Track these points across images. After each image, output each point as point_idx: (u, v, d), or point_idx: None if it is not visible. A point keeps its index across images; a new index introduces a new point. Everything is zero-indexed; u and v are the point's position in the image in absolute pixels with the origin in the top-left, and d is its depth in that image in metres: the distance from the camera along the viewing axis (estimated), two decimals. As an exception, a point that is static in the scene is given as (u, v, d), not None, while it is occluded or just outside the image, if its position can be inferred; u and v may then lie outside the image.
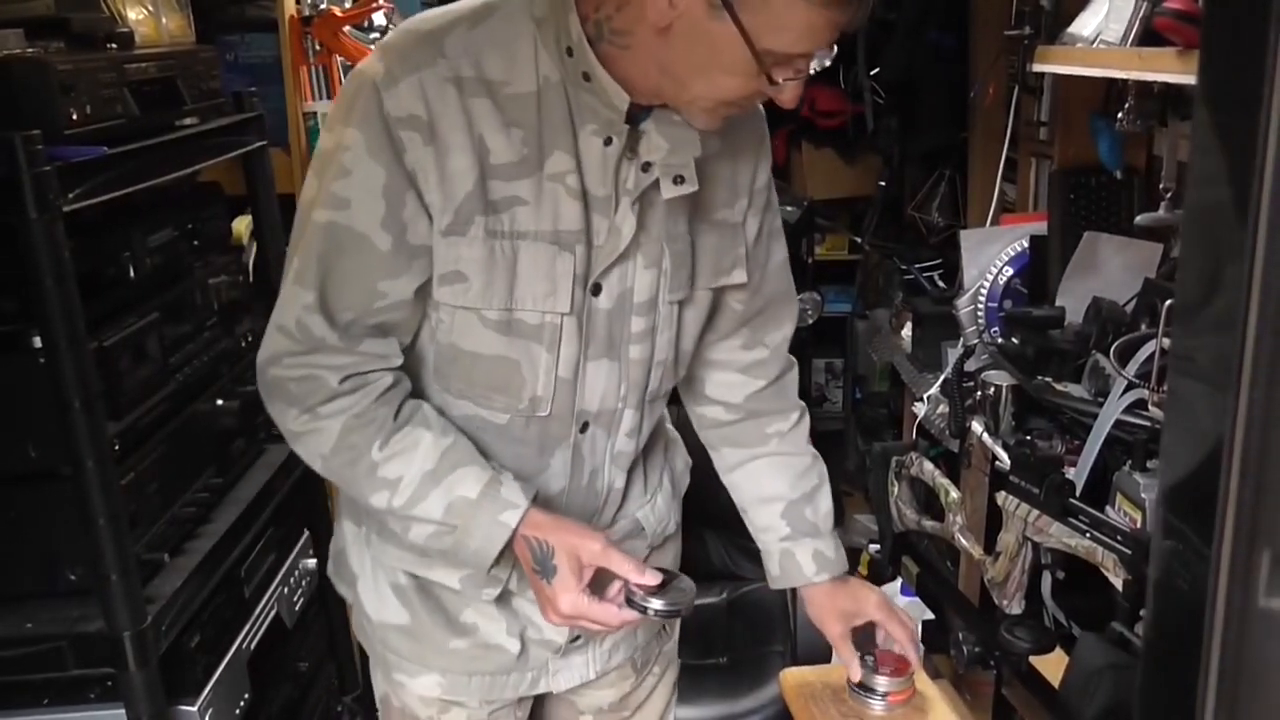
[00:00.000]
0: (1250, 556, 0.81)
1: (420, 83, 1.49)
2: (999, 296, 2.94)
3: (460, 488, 1.60)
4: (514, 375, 1.64)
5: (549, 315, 1.60)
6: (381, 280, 1.57)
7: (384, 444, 1.61)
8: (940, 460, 2.16)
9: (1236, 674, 0.83)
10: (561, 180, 1.55)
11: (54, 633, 1.99)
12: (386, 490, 1.62)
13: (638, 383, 1.74)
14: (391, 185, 1.52)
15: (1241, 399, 0.79)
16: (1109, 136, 2.85)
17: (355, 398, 1.61)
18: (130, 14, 2.45)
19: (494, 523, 1.59)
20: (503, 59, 1.52)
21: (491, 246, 1.55)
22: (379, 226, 1.54)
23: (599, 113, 1.53)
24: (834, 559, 1.94)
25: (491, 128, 1.52)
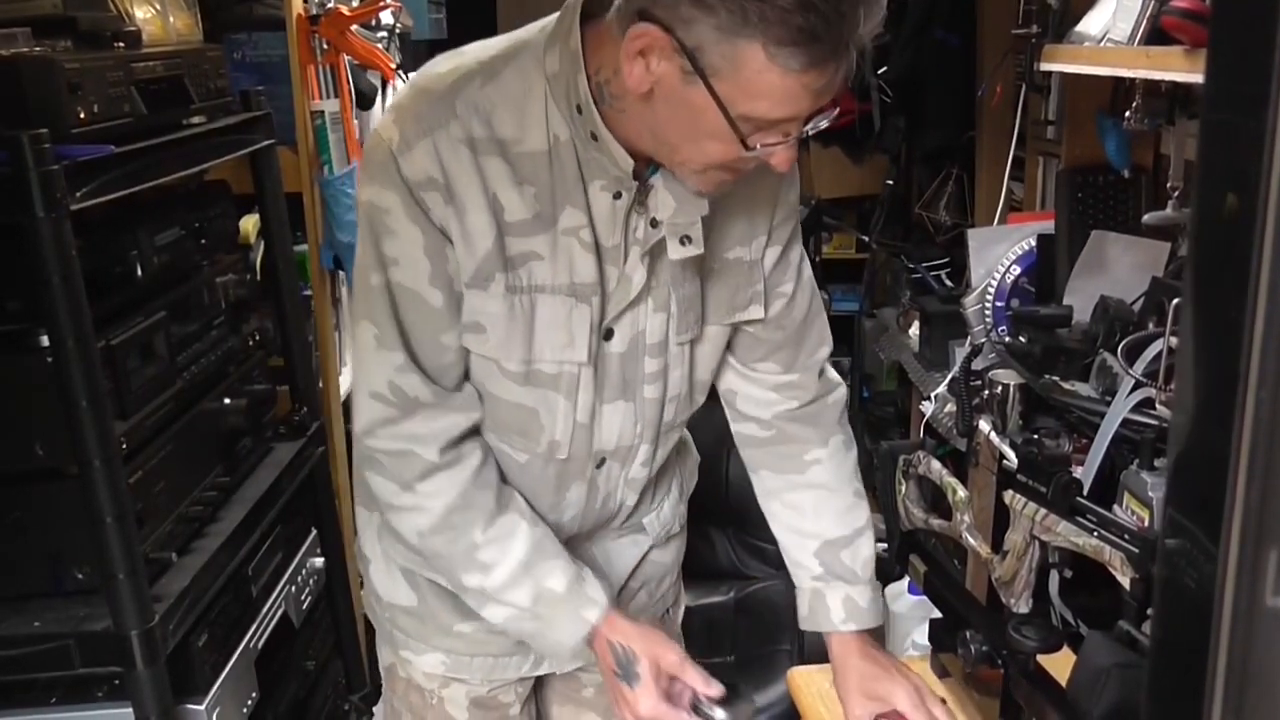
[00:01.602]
0: (1258, 555, 0.81)
1: (434, 145, 1.51)
2: (1006, 295, 2.94)
3: (549, 580, 1.67)
4: (532, 422, 1.68)
5: (566, 365, 1.64)
6: (442, 334, 1.61)
7: (486, 528, 1.67)
8: (947, 459, 2.15)
9: (1244, 673, 0.83)
10: (575, 235, 1.57)
11: (61, 631, 1.99)
12: (479, 573, 1.68)
13: (652, 420, 1.76)
14: (430, 244, 1.55)
15: (1249, 397, 0.79)
16: (1116, 135, 2.85)
17: (453, 474, 1.65)
18: (138, 13, 2.45)
19: (577, 618, 1.67)
20: (514, 116, 1.53)
21: (511, 302, 1.58)
22: (428, 284, 1.57)
23: (607, 170, 1.54)
24: (865, 609, 1.92)
25: (505, 186, 1.53)
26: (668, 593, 2.09)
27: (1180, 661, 0.90)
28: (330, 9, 3.11)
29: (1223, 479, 0.81)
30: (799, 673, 2.12)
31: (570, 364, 1.64)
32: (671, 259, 1.61)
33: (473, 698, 1.91)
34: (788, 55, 1.32)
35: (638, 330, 1.67)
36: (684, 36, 1.34)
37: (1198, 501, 0.86)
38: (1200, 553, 0.85)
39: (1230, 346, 0.80)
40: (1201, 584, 0.85)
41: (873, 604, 1.93)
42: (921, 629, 2.97)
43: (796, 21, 1.30)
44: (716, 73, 1.35)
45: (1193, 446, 0.88)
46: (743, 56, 1.33)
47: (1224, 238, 0.81)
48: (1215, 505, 0.82)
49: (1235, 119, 0.80)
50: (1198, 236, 0.86)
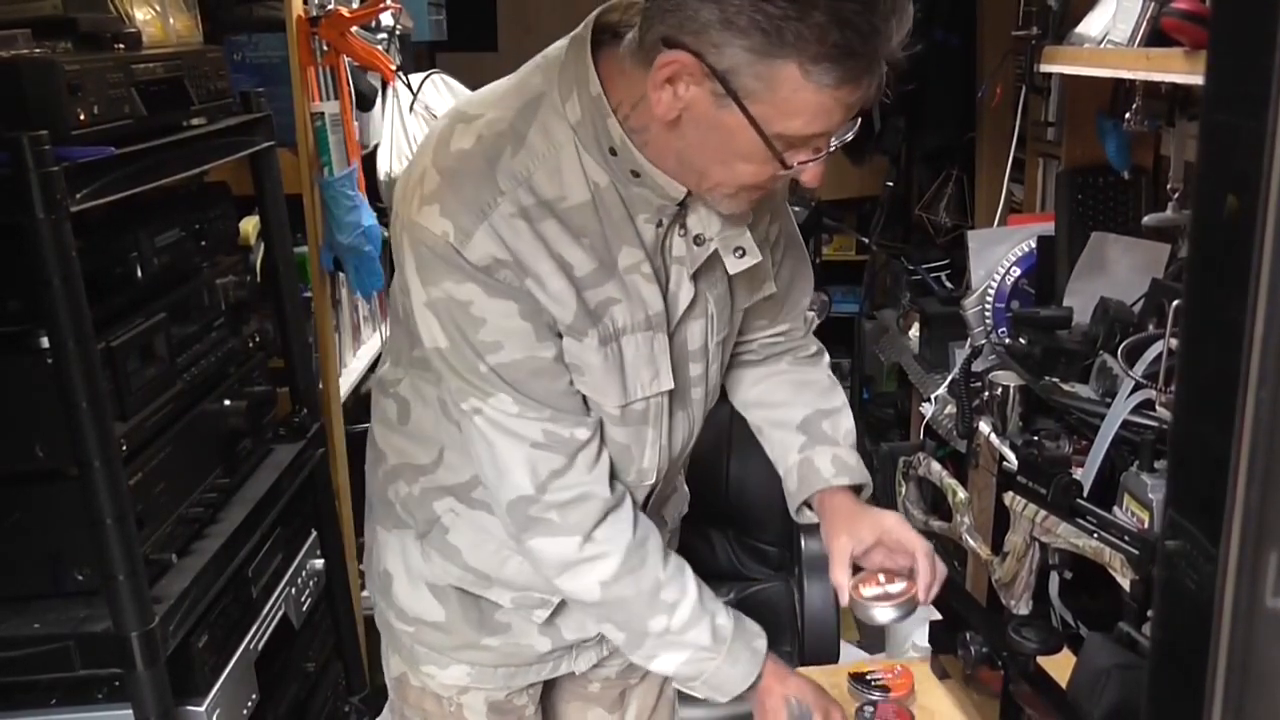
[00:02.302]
0: (1258, 556, 0.81)
1: (492, 228, 1.49)
2: (1006, 297, 2.94)
3: (720, 616, 1.70)
4: (624, 457, 1.70)
5: (655, 398, 1.67)
6: (563, 379, 1.61)
7: (664, 564, 1.69)
8: (947, 460, 2.16)
9: (1244, 674, 0.83)
10: (638, 270, 1.58)
11: (61, 633, 1.99)
12: (665, 614, 1.67)
13: (699, 418, 1.80)
14: (524, 308, 1.54)
15: (1249, 399, 0.79)
16: (1116, 137, 2.85)
17: (622, 512, 1.67)
18: (138, 14, 2.45)
19: (750, 649, 1.70)
20: (550, 175, 1.52)
21: (604, 352, 1.60)
22: (537, 343, 1.56)
23: (651, 202, 1.55)
24: (854, 467, 1.87)
25: (565, 244, 1.53)
26: None
27: (1180, 663, 0.90)
28: (330, 10, 3.11)
29: (1223, 480, 0.81)
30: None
31: (659, 395, 1.67)
32: (733, 273, 1.65)
33: (491, 703, 1.91)
34: (823, 72, 1.34)
35: (681, 340, 1.69)
36: (715, 61, 1.35)
37: (1198, 503, 0.86)
38: (1200, 554, 0.85)
39: (1230, 348, 0.80)
40: (1201, 585, 0.85)
41: (860, 465, 1.88)
42: (921, 630, 2.97)
43: (833, 38, 1.31)
44: (750, 94, 1.36)
45: (1193, 448, 0.88)
46: (778, 77, 1.34)
47: (1224, 239, 0.81)
48: (1215, 506, 0.82)
49: (1235, 120, 0.80)
50: (1198, 238, 0.86)
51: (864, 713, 1.94)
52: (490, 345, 1.55)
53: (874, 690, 1.99)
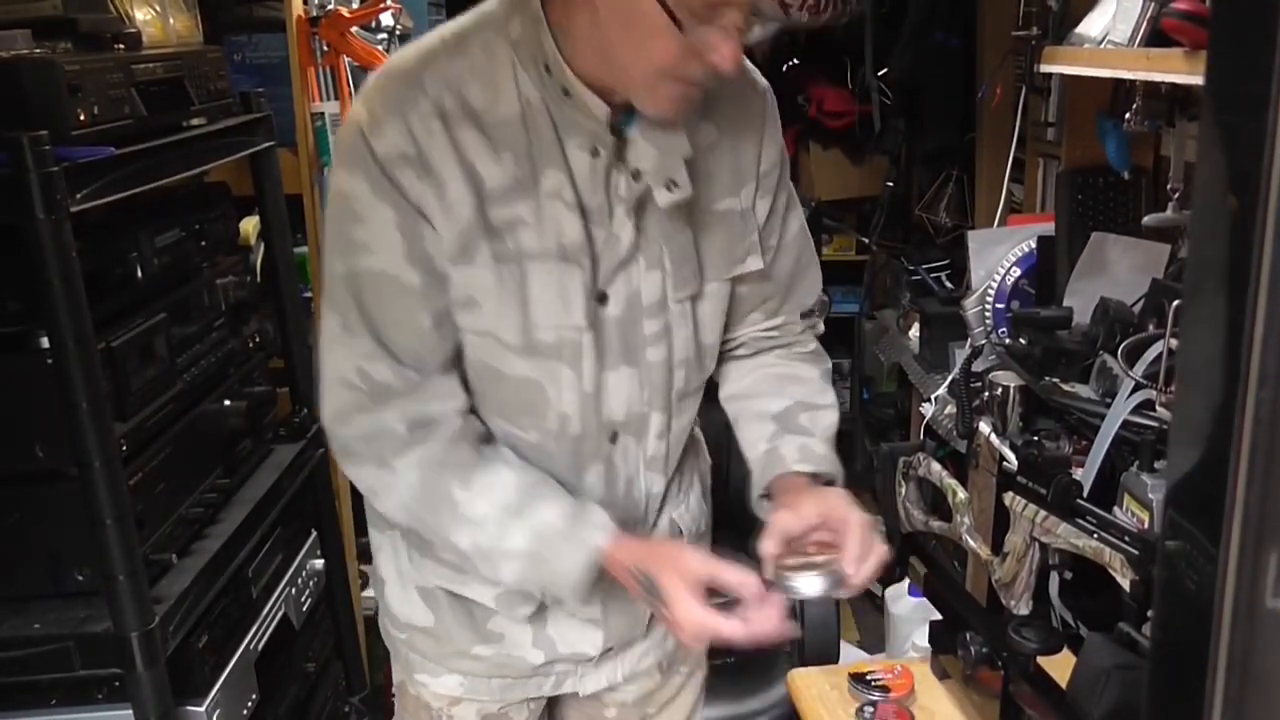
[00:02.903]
0: (1258, 557, 0.81)
1: (405, 121, 1.51)
2: (1006, 297, 2.94)
3: (545, 514, 1.61)
4: (538, 396, 1.65)
5: (566, 331, 1.60)
6: (421, 313, 1.58)
7: (466, 483, 1.62)
8: (947, 461, 2.15)
9: (1244, 674, 0.83)
10: (558, 196, 1.55)
11: (61, 633, 1.99)
12: (471, 528, 1.62)
13: (660, 385, 1.71)
14: (405, 221, 1.53)
15: (1248, 399, 0.79)
16: (1116, 137, 2.85)
17: (428, 444, 1.61)
18: (138, 14, 2.45)
19: (581, 543, 1.60)
20: (484, 88, 1.53)
21: (499, 271, 1.56)
22: (405, 262, 1.55)
23: (582, 125, 1.54)
24: (823, 456, 1.76)
25: (482, 155, 1.53)
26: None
27: (1180, 663, 0.90)
28: (330, 11, 3.11)
29: (1223, 481, 0.81)
30: (799, 675, 2.13)
31: (569, 330, 1.60)
32: (661, 207, 1.60)
33: (484, 715, 1.88)
34: None
35: (632, 291, 1.64)
36: None
37: (1198, 503, 0.86)
38: (1200, 554, 0.85)
39: (1231, 348, 0.80)
40: (1201, 586, 0.85)
41: (830, 457, 1.77)
42: (922, 631, 2.97)
43: None
44: None
45: (1193, 448, 0.88)
46: None
47: (1224, 239, 0.81)
48: (1215, 507, 0.82)
49: (1236, 120, 0.80)
50: (1198, 238, 0.86)
51: (864, 713, 1.95)
52: (359, 246, 1.56)
53: (874, 690, 1.99)
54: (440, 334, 1.60)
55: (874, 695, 1.98)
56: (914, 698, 1.99)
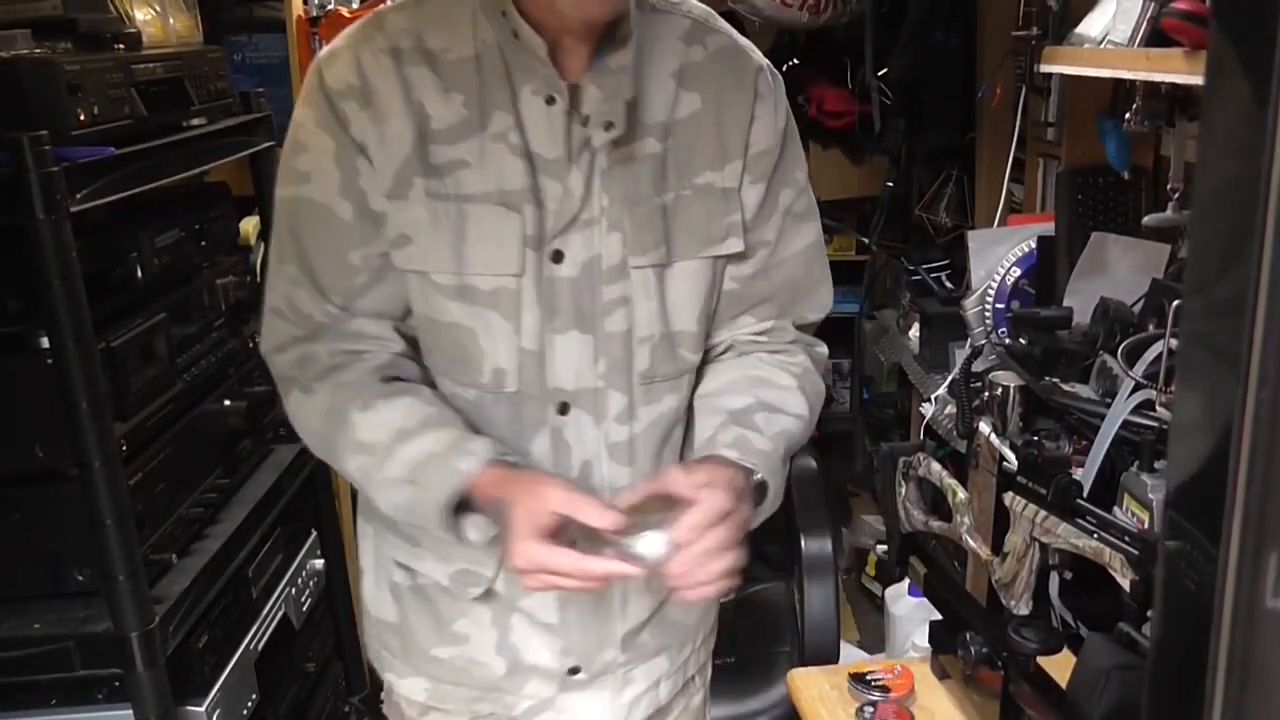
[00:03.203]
0: (1258, 557, 0.81)
1: (356, 56, 1.54)
2: (1006, 297, 2.94)
3: (427, 442, 1.54)
4: (472, 344, 1.60)
5: (502, 279, 1.56)
6: (352, 252, 1.58)
7: (366, 406, 1.58)
8: (948, 461, 2.15)
9: (1244, 674, 0.83)
10: (504, 139, 1.54)
11: (61, 633, 2.00)
12: (360, 453, 1.59)
13: (620, 361, 1.63)
14: (342, 154, 1.55)
15: (1248, 399, 0.79)
16: (1116, 137, 2.85)
17: (346, 371, 1.61)
18: (138, 14, 2.45)
19: (452, 471, 1.51)
20: (443, 31, 1.55)
21: (434, 209, 1.55)
22: (338, 195, 1.56)
23: (536, 71, 1.52)
24: (760, 451, 1.59)
25: (431, 94, 1.54)
26: (689, 659, 1.91)
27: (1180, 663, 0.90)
28: (330, 11, 3.11)
29: (1223, 481, 0.81)
30: (799, 674, 2.12)
31: (505, 277, 1.56)
32: (596, 146, 1.55)
33: None
34: None
35: (593, 254, 1.59)
36: None
37: (1198, 503, 0.86)
38: (1200, 554, 0.85)
39: (1231, 348, 0.80)
40: (1201, 586, 0.85)
41: (771, 459, 1.60)
42: (922, 631, 2.97)
43: None
44: None
45: (1193, 448, 0.88)
46: None
47: (1224, 239, 0.81)
48: (1215, 507, 0.82)
49: (1235, 120, 0.80)
50: (1198, 238, 0.86)
51: (864, 713, 1.94)
52: (299, 175, 1.58)
53: (874, 690, 1.99)
54: (371, 277, 1.60)
55: (874, 695, 1.98)
56: (914, 698, 1.99)
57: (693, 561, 1.42)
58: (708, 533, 1.41)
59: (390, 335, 1.64)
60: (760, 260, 1.72)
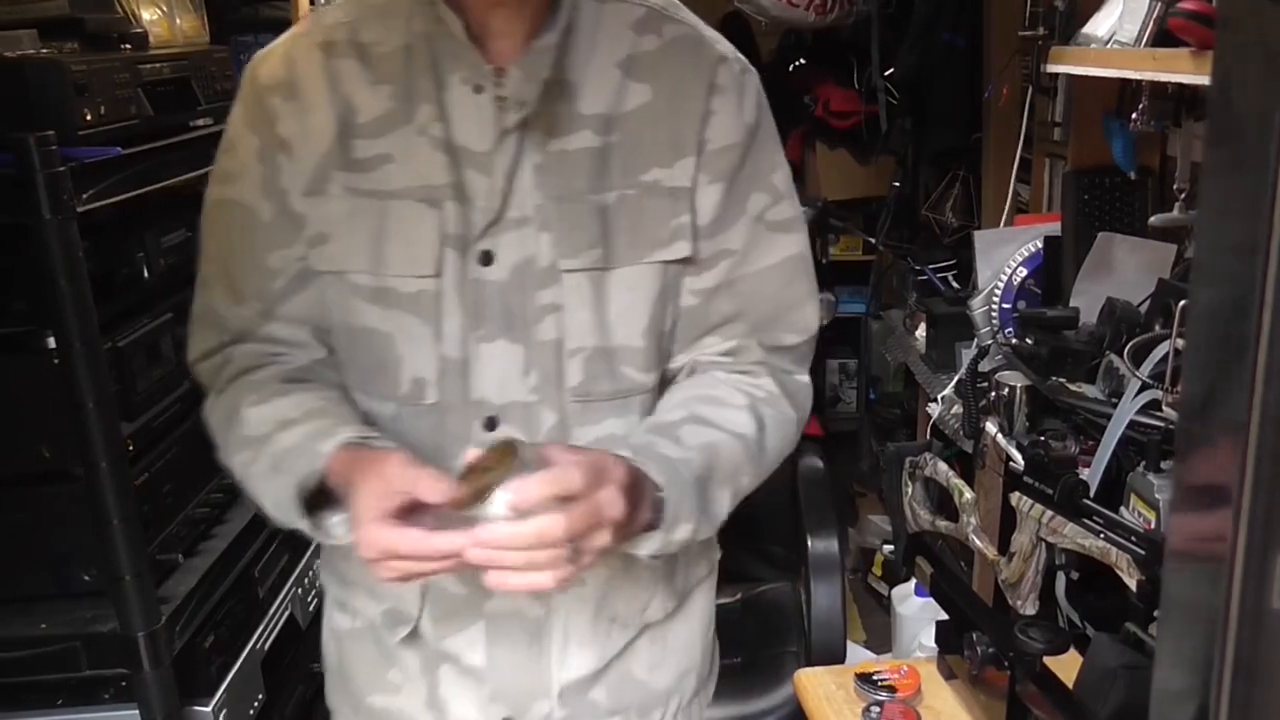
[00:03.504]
0: (1265, 558, 0.81)
1: (288, 50, 1.50)
2: (1013, 297, 2.94)
3: (302, 433, 1.42)
4: (388, 351, 1.47)
5: (422, 281, 1.44)
6: (270, 254, 1.50)
7: (259, 401, 1.48)
8: (954, 461, 2.15)
9: (1250, 675, 0.83)
10: (426, 132, 1.44)
11: (68, 633, 2.00)
12: (244, 448, 1.49)
13: (551, 375, 1.47)
14: (265, 151, 1.48)
15: (1255, 399, 0.79)
16: (1123, 137, 2.85)
17: (255, 374, 1.53)
18: (144, 14, 2.45)
19: (310, 454, 1.38)
20: (380, 23, 1.47)
21: (353, 206, 1.45)
22: (260, 195, 1.49)
23: (462, 57, 1.42)
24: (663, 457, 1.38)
25: (358, 87, 1.45)
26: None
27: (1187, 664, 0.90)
28: (336, 11, 3.11)
29: (1229, 481, 0.81)
30: (806, 675, 2.12)
31: (424, 279, 1.44)
32: (525, 139, 1.42)
33: None
34: None
35: (525, 256, 1.44)
36: None
37: (1204, 504, 0.86)
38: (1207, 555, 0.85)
39: (1237, 348, 0.79)
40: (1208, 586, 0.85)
41: (677, 465, 1.38)
42: (928, 631, 2.97)
43: None
44: None
45: (1199, 448, 0.88)
46: None
47: (1230, 239, 0.81)
48: (1222, 507, 0.82)
49: (1242, 121, 0.80)
50: (1204, 238, 0.86)
51: (870, 713, 1.94)
52: (225, 175, 1.53)
53: (880, 690, 1.99)
54: (291, 281, 1.51)
55: (880, 695, 1.98)
56: (920, 698, 1.99)
57: (506, 538, 1.19)
58: (541, 506, 1.19)
59: (310, 342, 1.55)
60: (723, 272, 1.52)
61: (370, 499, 1.27)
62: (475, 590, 1.52)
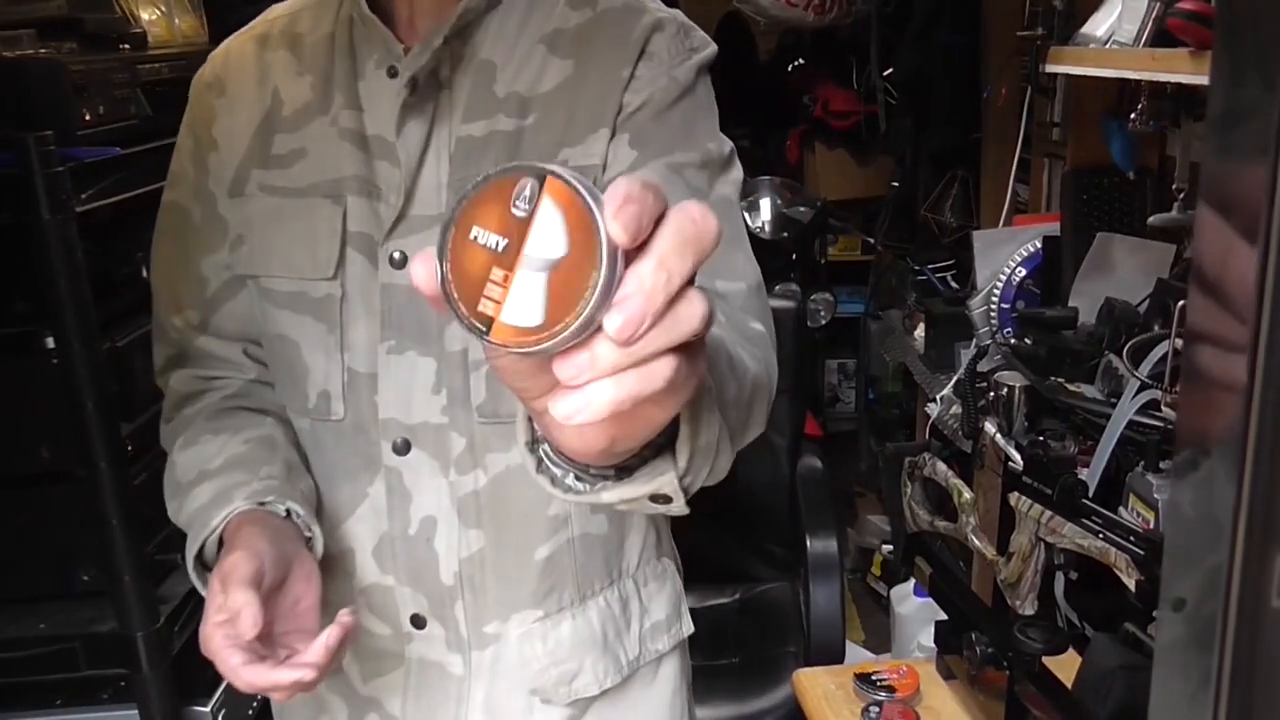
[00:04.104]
0: (1264, 557, 0.81)
1: (228, 46, 1.45)
2: (1012, 297, 2.94)
3: (214, 489, 1.33)
4: (296, 361, 1.38)
5: (328, 284, 1.34)
6: (203, 259, 1.43)
7: (187, 443, 1.42)
8: (953, 461, 2.15)
9: (1249, 675, 0.83)
10: (336, 122, 1.35)
11: (67, 633, 2.00)
12: (175, 499, 1.40)
13: (459, 391, 1.35)
14: (198, 153, 1.42)
15: (1255, 398, 0.79)
16: (1122, 137, 2.85)
17: (197, 401, 1.48)
18: (143, 14, 2.45)
19: (203, 523, 1.30)
20: (315, 11, 1.40)
21: (267, 205, 1.37)
22: (193, 198, 1.43)
23: (375, 38, 1.33)
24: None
25: (288, 77, 1.38)
26: None
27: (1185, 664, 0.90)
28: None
29: (1228, 481, 0.81)
30: (804, 674, 2.12)
31: (326, 282, 1.34)
32: (407, 108, 1.31)
33: None
34: None
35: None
36: None
37: (1203, 503, 0.86)
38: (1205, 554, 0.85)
39: (1236, 348, 0.80)
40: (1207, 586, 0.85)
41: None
42: (927, 631, 2.97)
43: None
44: None
45: (1198, 448, 0.88)
46: None
47: (1229, 239, 0.81)
48: (1221, 507, 0.82)
49: (1240, 121, 0.80)
50: (1202, 238, 0.86)
51: (869, 713, 1.94)
52: (170, 178, 1.48)
53: (879, 690, 1.99)
54: (221, 289, 1.43)
55: (879, 695, 1.98)
56: (919, 698, 1.99)
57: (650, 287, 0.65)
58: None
59: (243, 360, 1.48)
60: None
61: (213, 597, 1.17)
62: (396, 634, 1.44)
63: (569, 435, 0.75)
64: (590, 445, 0.75)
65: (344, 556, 1.42)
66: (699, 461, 0.88)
